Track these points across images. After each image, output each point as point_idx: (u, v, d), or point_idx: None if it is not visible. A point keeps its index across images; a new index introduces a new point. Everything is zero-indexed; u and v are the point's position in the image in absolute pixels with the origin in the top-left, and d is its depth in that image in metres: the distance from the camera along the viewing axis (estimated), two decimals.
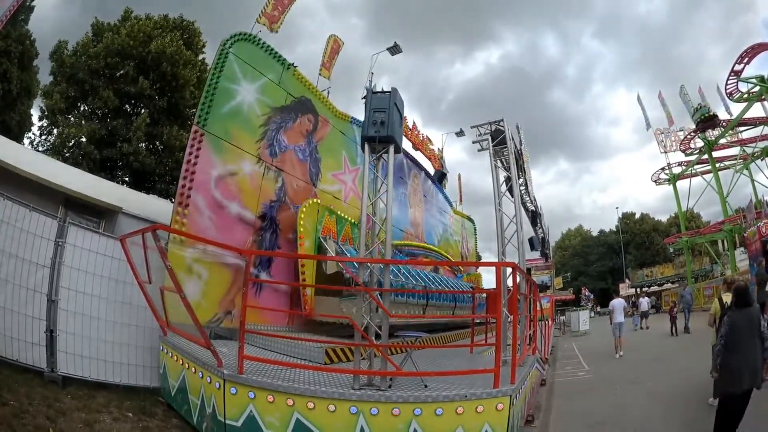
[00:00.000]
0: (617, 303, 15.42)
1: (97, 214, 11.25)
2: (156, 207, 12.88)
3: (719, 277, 30.34)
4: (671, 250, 45.52)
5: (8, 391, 5.37)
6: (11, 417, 4.85)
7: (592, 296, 47.84)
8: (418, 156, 19.55)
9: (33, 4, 22.53)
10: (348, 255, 10.13)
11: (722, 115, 33.12)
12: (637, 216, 63.16)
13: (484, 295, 13.36)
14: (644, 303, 24.53)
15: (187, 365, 6.29)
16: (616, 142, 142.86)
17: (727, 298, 6.44)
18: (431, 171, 20.98)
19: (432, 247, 18.17)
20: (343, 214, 11.83)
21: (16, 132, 21.40)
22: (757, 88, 27.36)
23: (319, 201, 11.23)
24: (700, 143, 35.03)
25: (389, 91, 6.24)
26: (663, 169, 39.61)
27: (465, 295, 14.81)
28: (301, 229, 10.32)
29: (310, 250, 10.39)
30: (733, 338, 5.01)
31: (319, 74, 13.30)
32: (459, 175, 27.63)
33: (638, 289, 47.69)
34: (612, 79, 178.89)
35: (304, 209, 10.60)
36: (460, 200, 26.67)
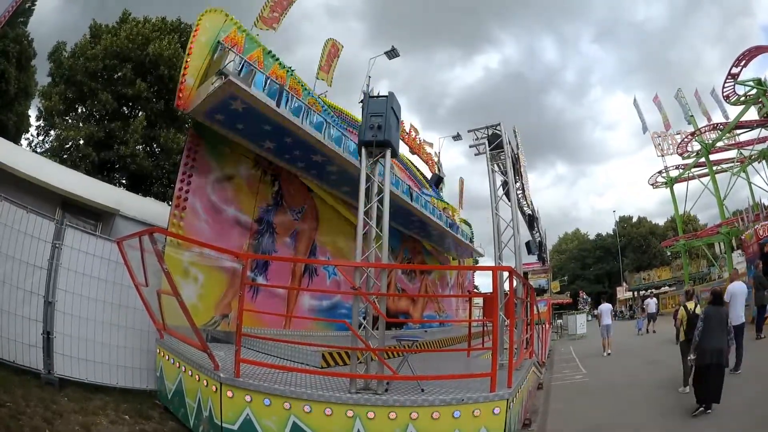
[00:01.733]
0: (605, 307, 17.34)
1: (95, 217, 11.23)
2: (153, 210, 12.84)
3: (717, 279, 30.38)
4: (668, 253, 45.57)
5: (5, 393, 5.36)
6: (8, 419, 4.85)
7: (589, 299, 47.86)
8: (415, 160, 19.59)
9: (33, 6, 22.52)
10: (256, 68, 8.59)
11: (719, 118, 33.34)
12: (635, 219, 63.25)
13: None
14: (652, 304, 23.16)
15: (183, 368, 6.30)
16: (613, 146, 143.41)
17: (691, 305, 8.41)
18: (428, 175, 21.01)
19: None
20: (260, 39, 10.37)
21: (14, 133, 21.32)
22: (754, 91, 27.44)
23: (229, 13, 9.52)
24: (697, 146, 35.11)
25: (386, 96, 6.26)
26: (660, 172, 39.66)
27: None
28: (198, 23, 9.09)
29: (204, 46, 8.94)
30: (707, 326, 6.72)
31: (317, 77, 13.34)
32: (462, 180, 27.60)
33: (642, 291, 47.66)
34: (610, 84, 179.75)
35: (206, 11, 9.23)
36: (461, 205, 26.66)
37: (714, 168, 34.15)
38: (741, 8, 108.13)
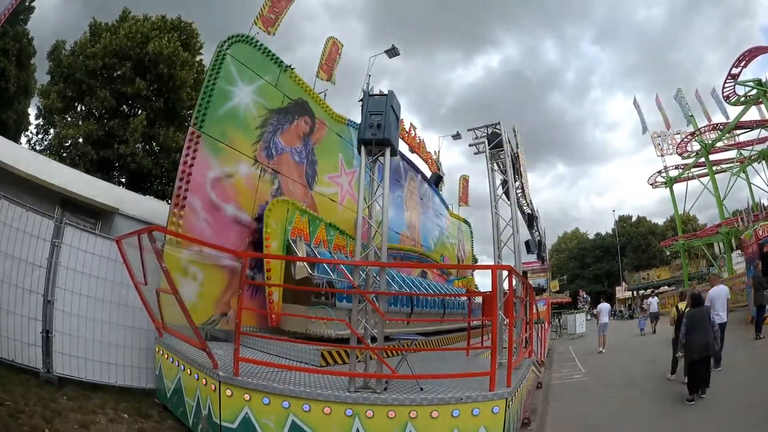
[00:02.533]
0: (603, 306, 18.43)
1: (94, 215, 11.23)
2: (152, 208, 12.86)
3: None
4: (668, 253, 45.61)
5: (4, 392, 5.36)
6: (7, 417, 4.85)
7: (588, 299, 47.88)
8: (415, 159, 19.60)
9: (33, 4, 22.52)
10: (319, 257, 9.58)
11: (719, 118, 33.33)
12: (634, 219, 63.27)
13: (479, 299, 13.33)
14: (654, 303, 23.00)
15: (182, 367, 6.29)
16: (613, 146, 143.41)
17: (682, 306, 9.21)
18: (428, 174, 21.02)
19: (419, 250, 18.14)
20: (317, 215, 11.34)
21: (13, 131, 21.36)
22: (754, 92, 27.42)
23: (288, 199, 10.56)
24: (696, 146, 35.12)
25: (386, 94, 6.26)
26: (660, 172, 39.67)
27: (456, 300, 14.77)
28: (268, 230, 9.66)
29: (277, 252, 9.82)
30: (691, 326, 7.53)
31: (317, 76, 13.34)
32: (467, 179, 27.52)
33: (642, 290, 47.68)
34: (610, 85, 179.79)
35: (271, 207, 9.95)
36: (466, 202, 26.63)
37: (714, 168, 34.17)
38: (741, 9, 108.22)
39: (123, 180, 22.69)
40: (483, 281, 27.25)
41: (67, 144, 21.51)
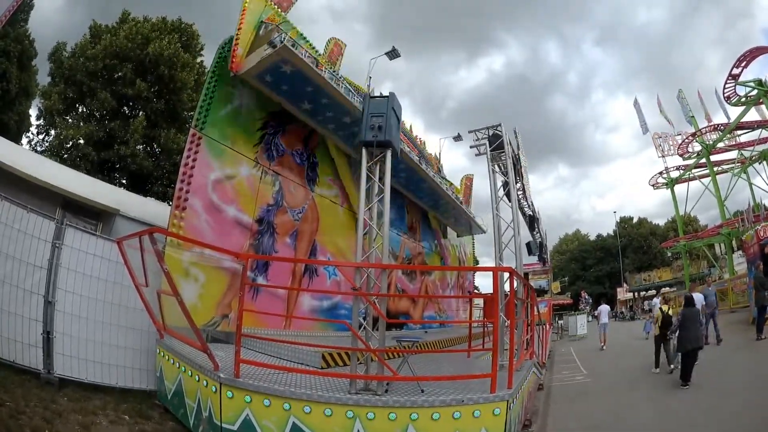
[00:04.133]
0: (603, 308, 19.95)
1: (95, 217, 11.24)
2: (153, 210, 12.86)
3: (718, 280, 30.34)
4: (669, 254, 45.56)
5: (4, 392, 5.37)
6: (7, 418, 4.85)
7: (590, 300, 47.84)
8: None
9: (32, 2, 22.51)
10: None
11: (720, 119, 33.29)
12: (635, 220, 63.15)
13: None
14: (657, 304, 23.04)
15: (183, 368, 6.29)
16: (614, 148, 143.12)
17: (665, 308, 10.76)
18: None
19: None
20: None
21: (15, 132, 21.35)
22: (755, 92, 27.38)
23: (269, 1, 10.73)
24: (697, 147, 35.07)
25: (387, 96, 6.25)
26: (661, 173, 39.62)
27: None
28: (245, 4, 10.01)
29: (250, 24, 10.03)
30: (683, 323, 8.77)
31: None
32: (471, 178, 27.39)
33: (643, 292, 47.59)
34: (612, 87, 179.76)
35: None
36: (468, 203, 26.57)
37: (715, 169, 34.12)
38: (741, 10, 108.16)
39: (124, 181, 22.67)
40: (484, 283, 27.28)
41: (68, 145, 21.53)
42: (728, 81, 28.22)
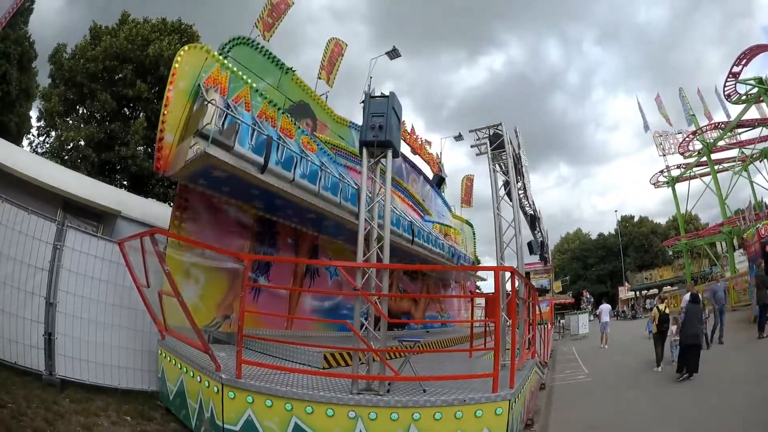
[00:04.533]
0: (604, 307, 20.33)
1: (96, 218, 11.25)
2: (154, 211, 12.86)
3: (720, 279, 30.30)
4: (670, 252, 45.50)
5: (6, 394, 5.37)
6: (9, 419, 4.86)
7: (592, 299, 47.81)
8: (417, 160, 19.58)
9: (32, 6, 22.51)
10: (241, 118, 8.01)
11: (720, 117, 33.24)
12: (636, 219, 63.08)
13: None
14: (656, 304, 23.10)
15: (185, 369, 6.29)
16: (615, 146, 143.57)
17: (662, 306, 11.15)
18: (430, 175, 20.99)
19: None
20: (245, 76, 9.76)
21: (15, 134, 21.35)
22: (755, 90, 27.33)
23: (210, 48, 9.24)
24: (698, 146, 35.02)
25: (387, 96, 6.24)
26: (662, 171, 39.56)
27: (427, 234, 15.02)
28: (176, 66, 8.46)
29: (183, 95, 8.55)
30: (687, 318, 9.32)
31: (318, 77, 13.33)
32: (472, 178, 27.44)
33: (644, 291, 47.52)
34: (612, 85, 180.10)
35: (188, 49, 8.77)
36: (469, 203, 26.58)
37: (715, 167, 34.07)
38: (741, 9, 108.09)
39: (124, 183, 22.67)
40: (485, 283, 27.26)
41: (69, 147, 21.52)
42: (728, 79, 28.17)
